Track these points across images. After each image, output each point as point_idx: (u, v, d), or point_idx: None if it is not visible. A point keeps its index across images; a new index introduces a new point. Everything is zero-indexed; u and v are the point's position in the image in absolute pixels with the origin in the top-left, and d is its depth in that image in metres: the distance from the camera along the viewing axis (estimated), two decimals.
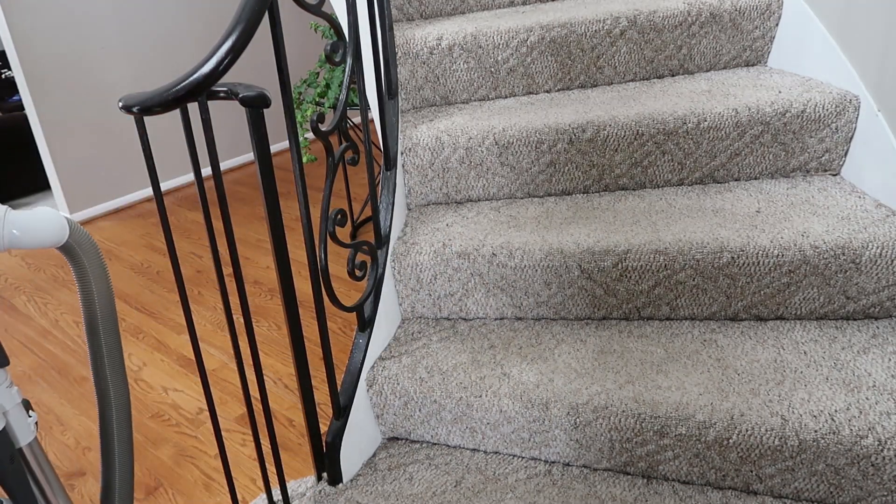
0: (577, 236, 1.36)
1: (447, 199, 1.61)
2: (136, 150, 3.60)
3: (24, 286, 2.77)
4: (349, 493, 1.29)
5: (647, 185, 1.54)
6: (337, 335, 2.15)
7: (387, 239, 1.43)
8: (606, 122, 1.46)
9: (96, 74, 3.40)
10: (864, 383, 1.14)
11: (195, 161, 1.04)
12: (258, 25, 0.98)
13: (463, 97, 1.72)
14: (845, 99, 1.39)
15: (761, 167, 1.49)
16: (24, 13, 3.10)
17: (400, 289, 1.47)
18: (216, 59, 0.95)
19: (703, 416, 1.12)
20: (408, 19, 1.88)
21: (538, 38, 1.63)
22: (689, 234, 1.31)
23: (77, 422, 1.88)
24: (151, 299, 2.55)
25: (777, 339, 1.28)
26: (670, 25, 1.61)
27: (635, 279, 1.33)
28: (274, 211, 1.07)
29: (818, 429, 1.07)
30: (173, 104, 0.95)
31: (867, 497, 1.09)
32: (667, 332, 1.34)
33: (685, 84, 1.61)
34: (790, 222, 1.31)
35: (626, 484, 1.21)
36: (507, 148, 1.51)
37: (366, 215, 3.04)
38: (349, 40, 1.20)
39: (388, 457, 1.36)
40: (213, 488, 1.58)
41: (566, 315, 1.42)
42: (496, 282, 1.40)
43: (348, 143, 1.24)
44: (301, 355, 1.20)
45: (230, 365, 2.07)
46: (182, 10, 3.67)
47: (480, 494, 1.23)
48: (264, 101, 1.00)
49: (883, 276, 1.24)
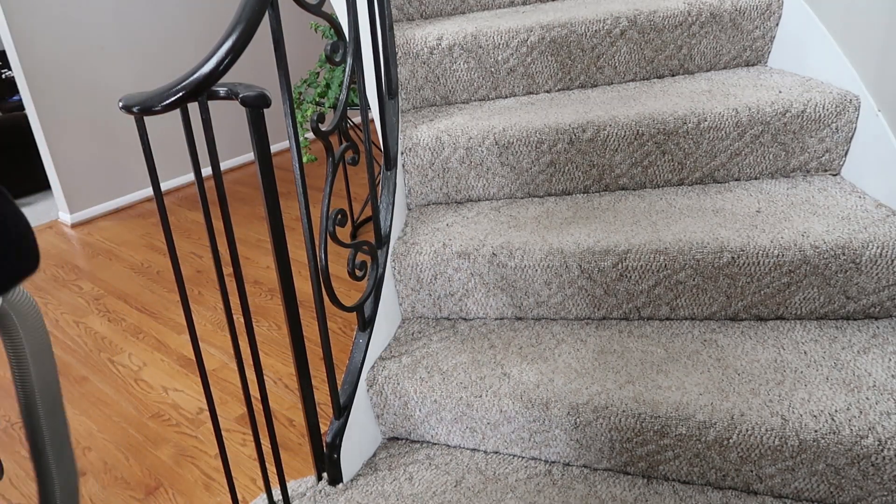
0: (577, 236, 1.36)
1: (447, 199, 1.61)
2: (136, 150, 3.60)
3: (24, 286, 2.77)
4: (349, 492, 1.29)
5: (647, 185, 1.54)
6: (337, 335, 2.15)
7: (387, 239, 1.43)
8: (606, 122, 1.46)
9: (96, 74, 3.40)
10: (865, 383, 1.14)
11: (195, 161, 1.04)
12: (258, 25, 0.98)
13: (463, 97, 1.72)
14: (845, 99, 1.39)
15: (761, 167, 1.49)
16: (24, 13, 3.10)
17: (400, 289, 1.47)
18: (216, 59, 0.95)
19: (703, 416, 1.12)
20: (408, 19, 1.88)
21: (538, 38, 1.63)
22: (689, 234, 1.31)
23: (77, 422, 1.88)
24: (151, 299, 2.55)
25: (777, 338, 1.28)
26: (670, 25, 1.61)
27: (635, 279, 1.33)
28: (274, 211, 1.07)
29: (818, 429, 1.07)
30: (173, 104, 0.95)
31: (867, 497, 1.09)
32: (667, 331, 1.34)
33: (685, 84, 1.62)
34: (790, 222, 1.31)
35: (626, 484, 1.21)
36: (507, 148, 1.51)
37: (366, 215, 3.04)
38: (349, 40, 1.20)
39: (388, 457, 1.36)
40: (213, 488, 1.58)
41: (566, 315, 1.42)
42: (496, 282, 1.40)
43: (348, 143, 1.24)
44: (301, 355, 1.20)
45: (230, 365, 2.07)
46: (182, 10, 3.67)
47: (480, 494, 1.23)
48: (264, 101, 1.00)
49: (883, 275, 1.24)
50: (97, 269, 2.87)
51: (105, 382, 2.05)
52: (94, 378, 2.07)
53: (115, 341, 2.27)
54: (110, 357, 2.18)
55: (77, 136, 3.38)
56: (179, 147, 3.73)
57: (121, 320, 2.41)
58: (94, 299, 2.59)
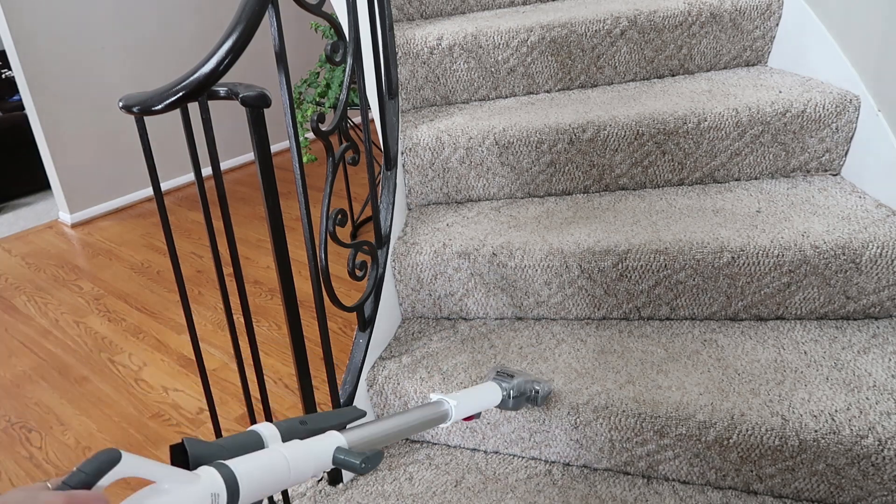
0: (577, 236, 1.36)
1: (447, 199, 1.61)
2: (136, 149, 3.60)
3: (24, 286, 2.77)
4: (349, 492, 1.29)
5: (647, 185, 1.54)
6: (337, 335, 2.15)
7: (387, 239, 1.43)
8: (607, 122, 1.46)
9: (96, 74, 3.40)
10: (865, 383, 1.14)
11: (195, 161, 1.04)
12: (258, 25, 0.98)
13: (463, 97, 1.72)
14: (845, 99, 1.39)
15: (761, 167, 1.49)
16: (24, 13, 3.10)
17: (400, 289, 1.47)
18: (216, 59, 0.95)
19: (703, 416, 1.12)
20: (408, 19, 1.88)
21: (538, 38, 1.63)
22: (689, 234, 1.31)
23: (77, 422, 1.88)
24: (152, 299, 2.55)
25: (777, 338, 1.27)
26: (670, 25, 1.61)
27: (635, 279, 1.33)
28: (274, 211, 1.07)
29: (818, 429, 1.07)
30: (174, 104, 0.95)
31: (867, 497, 1.09)
32: (667, 331, 1.34)
33: (685, 84, 1.62)
34: (790, 222, 1.31)
35: (626, 484, 1.21)
36: (507, 148, 1.51)
37: (366, 215, 3.04)
38: (349, 40, 1.20)
39: (388, 456, 1.36)
40: None
41: (566, 315, 1.42)
42: (496, 282, 1.40)
43: (349, 143, 1.24)
44: (301, 355, 1.20)
45: (230, 365, 2.07)
46: (182, 10, 3.67)
47: (480, 494, 1.23)
48: (265, 100, 1.00)
49: (883, 275, 1.24)
50: (97, 269, 2.87)
51: (105, 382, 2.05)
52: (94, 378, 2.07)
53: (116, 341, 2.27)
54: (110, 357, 2.19)
55: (77, 135, 3.38)
56: (179, 147, 3.73)
57: (121, 320, 2.41)
58: (95, 299, 2.59)
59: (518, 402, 1.15)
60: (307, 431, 0.73)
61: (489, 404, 1.10)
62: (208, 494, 0.58)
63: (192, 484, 0.57)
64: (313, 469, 0.70)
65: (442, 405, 0.99)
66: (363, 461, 0.72)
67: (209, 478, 0.59)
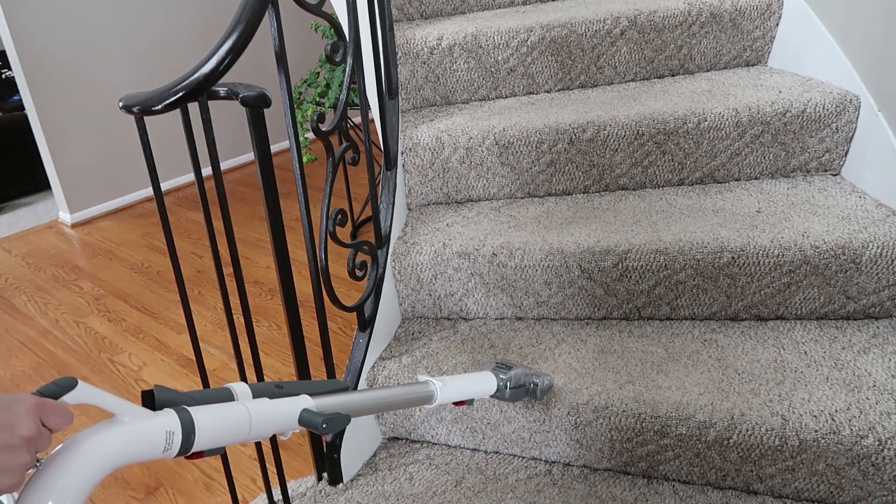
0: (577, 236, 1.36)
1: (447, 199, 1.61)
2: (136, 149, 3.61)
3: (24, 286, 2.77)
4: (349, 492, 1.29)
5: (647, 185, 1.54)
6: (337, 335, 2.15)
7: (387, 239, 1.43)
8: (607, 122, 1.46)
9: (96, 74, 3.40)
10: (865, 383, 1.14)
11: (195, 161, 1.04)
12: (258, 25, 0.98)
13: (463, 97, 1.72)
14: (845, 99, 1.39)
15: (762, 167, 1.49)
16: (24, 13, 3.10)
17: (400, 289, 1.47)
18: (216, 59, 0.95)
19: (703, 416, 1.12)
20: (408, 19, 1.88)
21: (538, 38, 1.63)
22: (689, 234, 1.31)
23: (78, 422, 1.88)
24: (152, 299, 2.55)
25: (777, 338, 1.27)
26: (670, 25, 1.61)
27: (635, 279, 1.33)
28: (274, 211, 1.07)
29: (818, 429, 1.07)
30: (174, 104, 0.95)
31: (867, 497, 1.09)
32: (667, 331, 1.34)
33: (685, 84, 1.61)
34: (790, 222, 1.31)
35: (626, 484, 1.21)
36: (507, 148, 1.51)
37: (366, 215, 3.04)
38: (349, 40, 1.20)
39: (389, 457, 1.36)
40: (213, 488, 1.58)
41: (566, 315, 1.42)
42: (496, 282, 1.40)
43: (349, 143, 1.24)
44: (301, 355, 1.20)
45: (230, 365, 2.07)
46: (182, 10, 3.67)
47: (481, 494, 1.23)
48: (265, 101, 1.00)
49: (883, 275, 1.24)
50: (97, 269, 2.87)
51: (105, 382, 2.05)
52: (94, 378, 2.07)
53: (116, 341, 2.27)
54: (111, 357, 2.18)
55: (77, 135, 3.38)
56: (179, 147, 3.73)
57: (121, 320, 2.41)
58: (95, 299, 2.59)
59: (516, 394, 1.14)
60: (280, 394, 0.74)
61: (483, 393, 1.09)
62: (163, 431, 0.60)
63: (149, 420, 0.60)
64: (277, 427, 0.71)
65: (428, 385, 0.98)
66: (324, 421, 0.72)
67: (166, 416, 0.61)
